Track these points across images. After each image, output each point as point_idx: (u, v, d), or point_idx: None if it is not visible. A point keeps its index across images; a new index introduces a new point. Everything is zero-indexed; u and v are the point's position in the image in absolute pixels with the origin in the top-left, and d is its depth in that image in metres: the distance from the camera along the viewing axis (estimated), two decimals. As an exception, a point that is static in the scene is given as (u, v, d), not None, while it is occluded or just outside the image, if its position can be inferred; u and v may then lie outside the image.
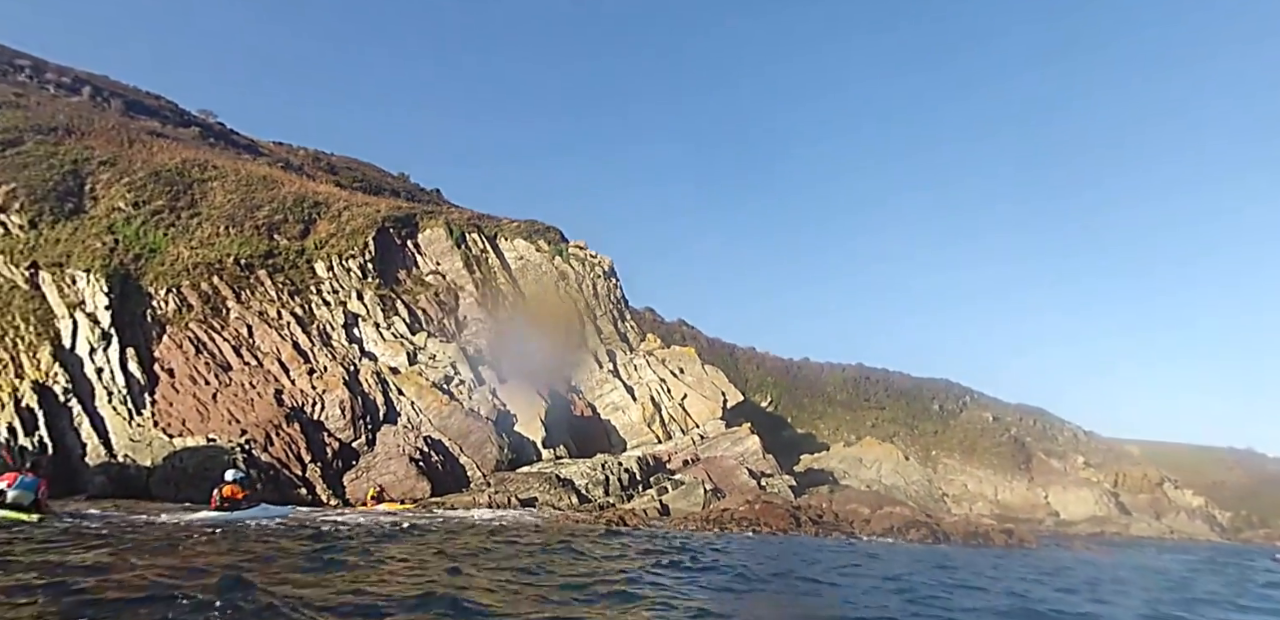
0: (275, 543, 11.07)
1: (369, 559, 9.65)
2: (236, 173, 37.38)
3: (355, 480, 26.54)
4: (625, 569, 9.81)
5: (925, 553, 15.41)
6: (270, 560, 9.17)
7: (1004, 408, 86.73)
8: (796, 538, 17.12)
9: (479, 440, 27.96)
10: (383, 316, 32.85)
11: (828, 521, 17.99)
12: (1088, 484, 72.17)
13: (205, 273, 31.15)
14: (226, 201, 34.90)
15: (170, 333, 29.17)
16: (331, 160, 61.34)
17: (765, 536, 17.09)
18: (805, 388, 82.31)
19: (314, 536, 12.54)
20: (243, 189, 36.01)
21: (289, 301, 31.97)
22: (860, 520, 18.27)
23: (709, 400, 33.80)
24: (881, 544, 17.18)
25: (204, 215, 33.89)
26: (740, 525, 17.74)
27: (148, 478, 24.79)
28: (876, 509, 19.61)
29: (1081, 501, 69.10)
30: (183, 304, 30.03)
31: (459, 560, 9.76)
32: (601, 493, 27.01)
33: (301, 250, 34.23)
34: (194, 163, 36.95)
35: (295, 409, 27.98)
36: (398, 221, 37.00)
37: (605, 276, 38.33)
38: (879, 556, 13.73)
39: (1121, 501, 71.43)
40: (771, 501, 18.48)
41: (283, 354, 30.21)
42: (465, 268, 36.27)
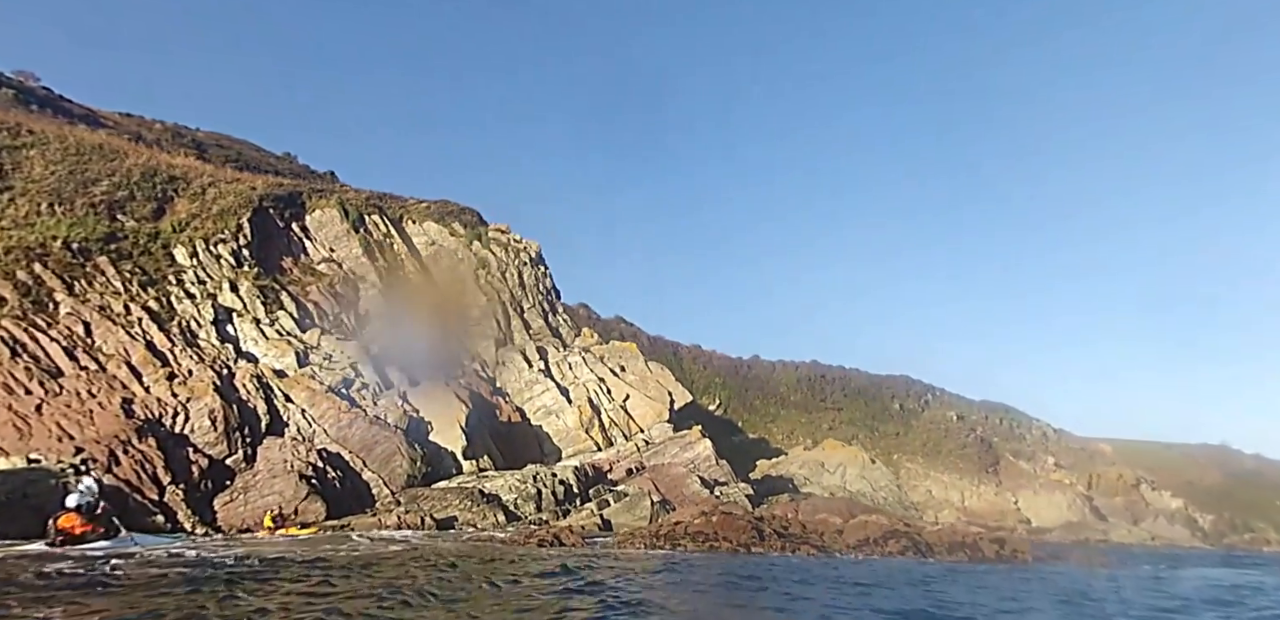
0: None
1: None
2: (62, 140, 34.01)
3: (230, 503, 24.29)
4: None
5: (915, 571, 14.76)
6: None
7: (968, 405, 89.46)
8: (761, 556, 16.32)
9: (386, 452, 26.14)
10: (264, 311, 30.50)
11: (795, 534, 17.34)
12: (1060, 487, 75.05)
13: (23, 259, 27.99)
14: (50, 174, 31.62)
15: (-20, 333, 26.08)
16: (197, 136, 57.11)
17: (723, 555, 16.24)
18: (756, 389, 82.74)
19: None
20: (71, 159, 32.76)
21: (139, 294, 29.22)
22: (831, 532, 17.73)
23: (654, 401, 32.93)
24: (858, 560, 16.61)
25: (18, 190, 30.53)
26: (695, 541, 16.85)
27: (-50, 513, 21.87)
28: (849, 518, 19.20)
29: (1054, 506, 71.67)
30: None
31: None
32: (533, 508, 25.71)
33: (155, 233, 31.43)
34: (0, 126, 33.37)
35: (150, 421, 25.42)
36: (279, 201, 34.57)
37: (532, 264, 36.96)
38: (864, 582, 12.95)
39: (1096, 505, 74.51)
40: (730, 512, 17.68)
41: (133, 356, 27.51)
42: (365, 255, 34.22)
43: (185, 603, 8.36)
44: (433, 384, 29.53)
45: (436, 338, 32.06)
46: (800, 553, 16.63)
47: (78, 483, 19.64)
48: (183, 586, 9.57)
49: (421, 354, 31.09)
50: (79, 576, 10.55)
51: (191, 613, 7.76)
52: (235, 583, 9.78)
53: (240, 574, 11.01)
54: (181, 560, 13.45)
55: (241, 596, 8.82)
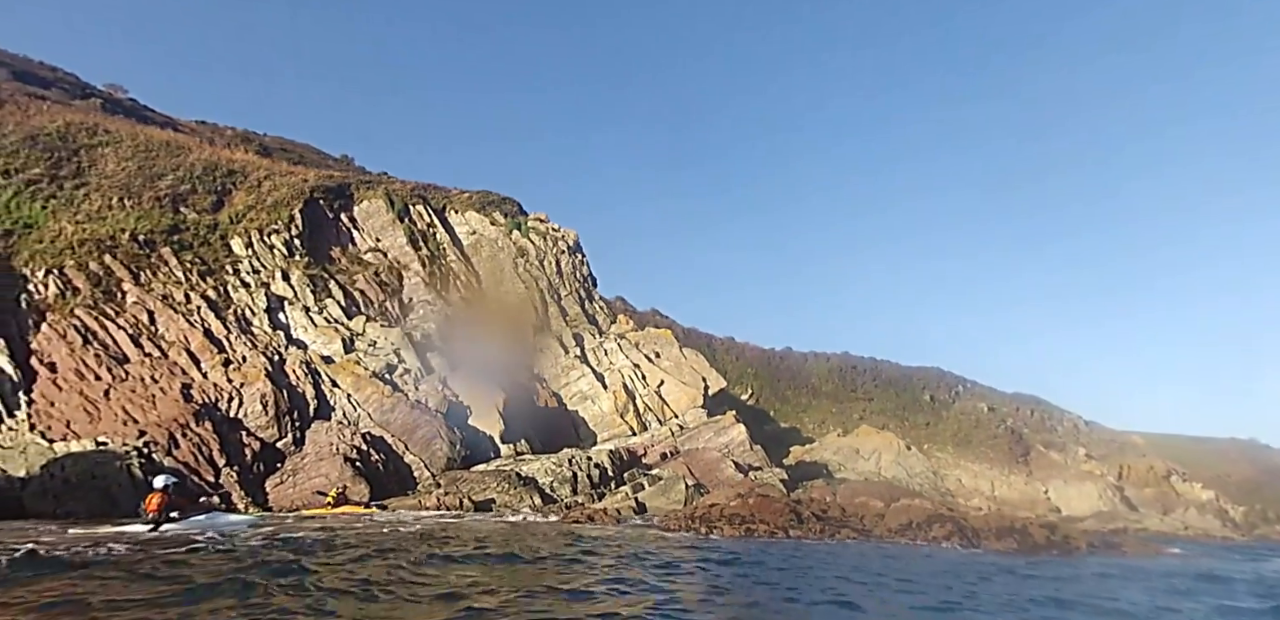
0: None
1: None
2: (133, 138, 34.49)
3: (280, 485, 24.29)
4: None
5: (982, 561, 13.42)
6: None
7: (1000, 397, 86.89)
8: (802, 541, 15.36)
9: (427, 436, 25.88)
10: (313, 299, 30.50)
11: (834, 518, 16.36)
12: (1090, 477, 72.34)
13: (94, 251, 28.43)
14: (120, 169, 32.08)
15: (51, 321, 26.45)
16: (264, 141, 58.02)
17: (759, 540, 15.38)
18: (788, 379, 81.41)
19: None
20: (140, 155, 33.18)
21: (199, 283, 29.43)
22: (872, 516, 16.65)
23: (688, 387, 32.14)
24: (903, 546, 15.53)
25: (93, 185, 31.07)
26: (732, 524, 16.04)
27: (21, 490, 22.18)
28: (889, 502, 18.05)
29: (1084, 496, 69.07)
30: (67, 287, 27.30)
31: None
32: (569, 491, 25.20)
33: (214, 225, 31.64)
34: (80, 126, 33.93)
35: (207, 405, 25.57)
36: (329, 192, 34.54)
37: (570, 252, 36.37)
38: (944, 571, 11.58)
39: (1127, 496, 71.74)
40: (767, 495, 16.77)
41: (192, 343, 27.71)
42: (409, 244, 34.01)
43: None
44: (473, 370, 29.20)
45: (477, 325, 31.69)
46: (840, 537, 15.71)
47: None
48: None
49: (463, 341, 30.75)
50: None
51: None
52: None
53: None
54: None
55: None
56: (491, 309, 33.21)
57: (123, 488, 22.42)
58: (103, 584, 7.65)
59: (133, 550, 10.69)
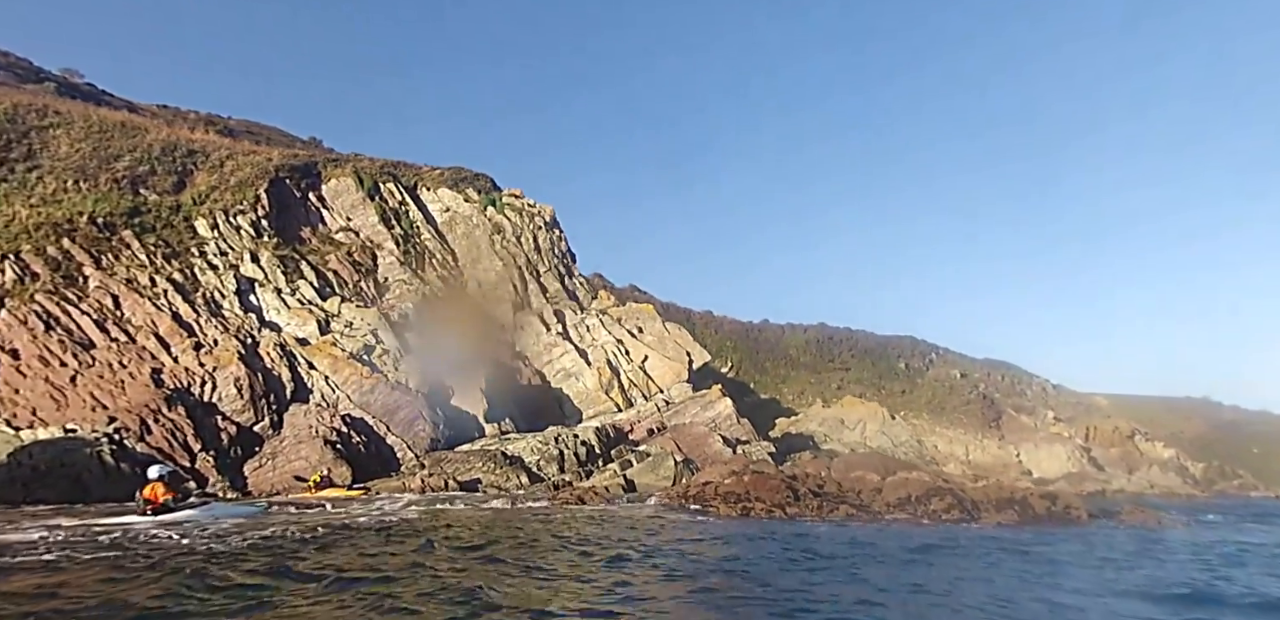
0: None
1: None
2: (86, 120, 32.66)
3: (259, 469, 23.50)
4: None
5: (992, 538, 12.83)
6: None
7: (971, 363, 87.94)
8: (799, 519, 14.82)
9: (408, 417, 25.14)
10: (285, 281, 29.34)
11: (831, 494, 15.97)
12: (1059, 439, 73.70)
13: (51, 235, 27.02)
14: (74, 151, 30.41)
15: (10, 307, 25.11)
16: (229, 124, 55.56)
17: (756, 520, 14.85)
18: (767, 351, 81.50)
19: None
20: (94, 137, 31.49)
21: (164, 266, 28.15)
22: (869, 490, 16.26)
23: (673, 361, 31.62)
24: (906, 522, 15.08)
25: (45, 168, 29.45)
26: (727, 502, 15.56)
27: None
28: (885, 475, 17.67)
29: (1054, 458, 70.43)
30: (25, 272, 25.94)
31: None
32: (556, 470, 24.70)
33: (176, 206, 30.20)
34: (28, 107, 32.02)
35: (179, 390, 24.59)
36: (295, 171, 33.12)
37: (547, 228, 35.38)
38: (935, 553, 10.84)
39: (1094, 456, 73.32)
40: (761, 472, 16.29)
41: (160, 327, 26.55)
42: (381, 222, 32.82)
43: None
44: (453, 349, 28.34)
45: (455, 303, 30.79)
46: (838, 514, 15.32)
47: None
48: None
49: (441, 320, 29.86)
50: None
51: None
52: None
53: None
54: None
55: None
56: (469, 287, 32.29)
57: (94, 474, 21.55)
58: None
59: (167, 545, 9.85)
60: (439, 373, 27.39)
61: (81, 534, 11.21)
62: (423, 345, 28.68)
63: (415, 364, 27.31)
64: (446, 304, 30.93)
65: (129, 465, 22.10)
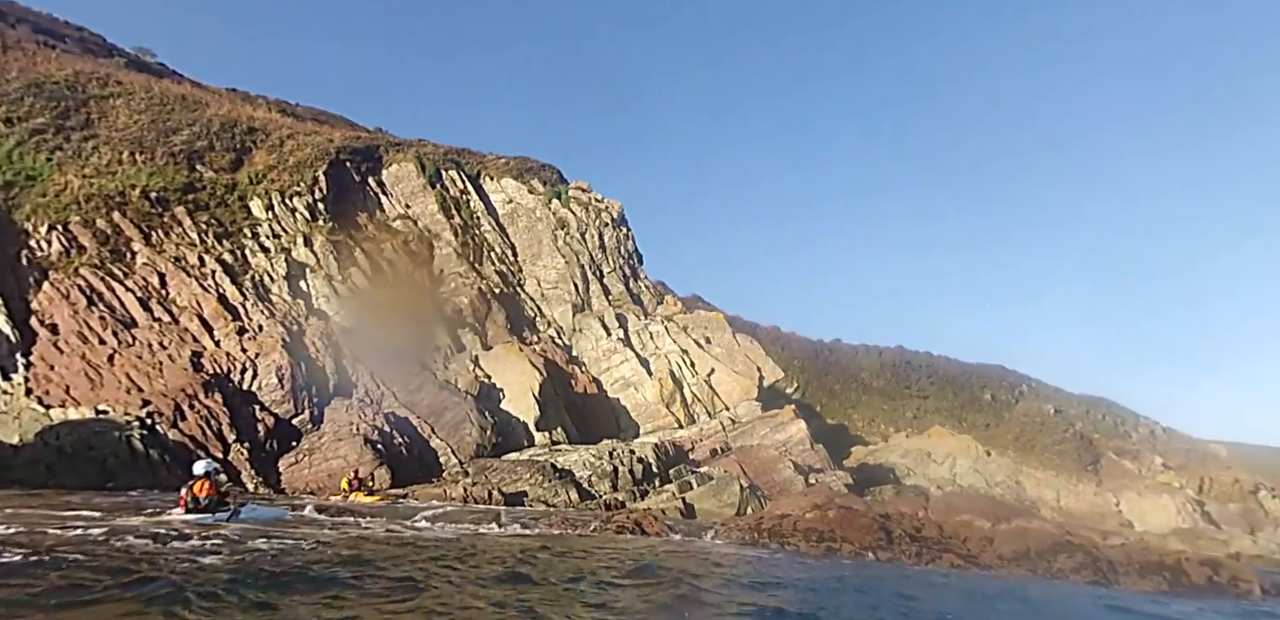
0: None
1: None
2: (147, 91, 33.29)
3: (294, 465, 22.93)
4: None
5: (1150, 615, 10.77)
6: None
7: (1066, 398, 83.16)
8: (902, 564, 13.09)
9: (455, 419, 24.25)
10: (337, 267, 29.03)
11: (930, 538, 14.19)
12: (1168, 490, 68.60)
13: (102, 207, 27.25)
14: (133, 122, 30.88)
15: (54, 280, 25.32)
16: (295, 110, 56.90)
17: (849, 559, 13.16)
18: (837, 373, 78.84)
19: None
20: (154, 109, 31.97)
21: (214, 246, 28.15)
22: (979, 538, 14.39)
23: (741, 377, 30.01)
24: (1025, 578, 13.13)
25: (102, 138, 29.88)
26: (808, 540, 13.93)
27: (12, 458, 21.14)
28: (996, 522, 15.78)
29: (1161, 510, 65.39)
30: (72, 244, 26.16)
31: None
32: (608, 487, 23.37)
33: (232, 185, 30.30)
34: (90, 76, 32.77)
35: (218, 376, 24.28)
36: (356, 154, 32.98)
37: (614, 225, 34.33)
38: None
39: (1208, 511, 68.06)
40: (849, 507, 14.61)
41: (205, 309, 26.45)
42: (441, 211, 32.33)
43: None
44: (507, 349, 27.44)
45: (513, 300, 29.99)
46: (941, 563, 13.54)
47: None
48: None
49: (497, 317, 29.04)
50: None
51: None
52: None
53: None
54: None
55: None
56: (528, 285, 31.46)
57: (120, 460, 21.24)
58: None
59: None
60: (490, 374, 26.51)
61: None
62: (476, 343, 27.92)
63: (466, 363, 26.51)
64: (503, 301, 30.14)
65: (158, 452, 21.77)
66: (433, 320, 27.31)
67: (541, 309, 31.93)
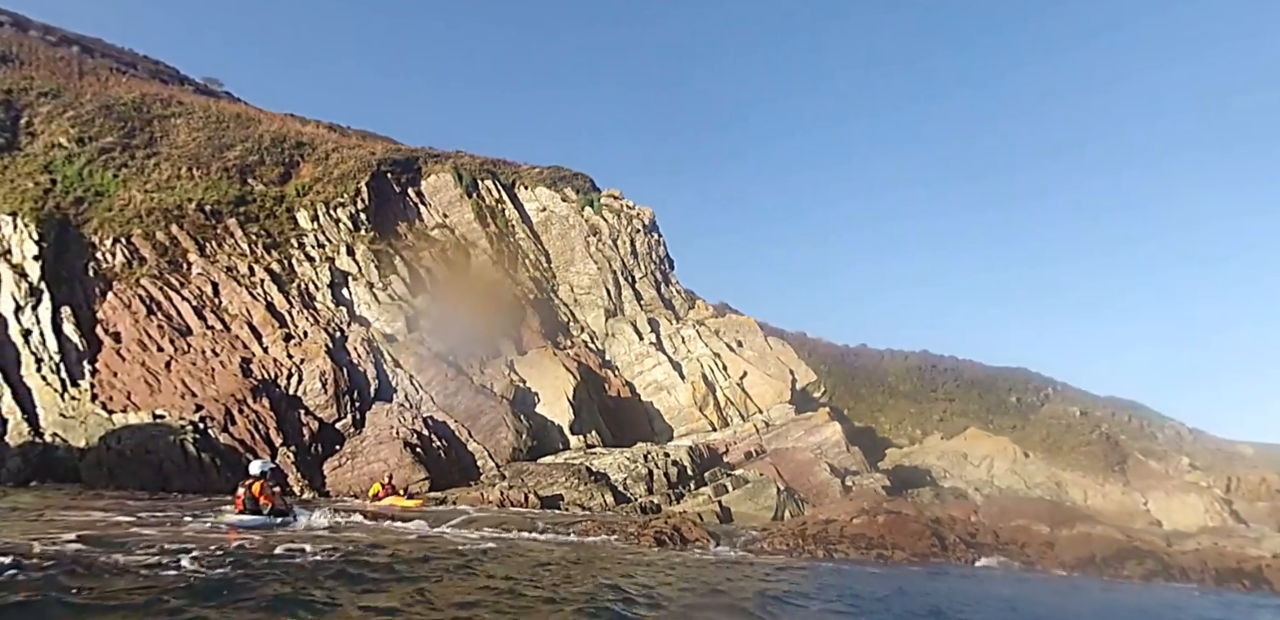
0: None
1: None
2: (205, 109, 33.81)
3: (338, 468, 22.79)
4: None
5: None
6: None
7: (1093, 401, 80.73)
8: (989, 570, 12.19)
9: (491, 423, 23.94)
10: (378, 275, 29.01)
11: (985, 544, 13.38)
12: (1195, 489, 66.17)
13: (162, 220, 27.65)
14: (191, 140, 31.33)
15: (117, 290, 25.70)
16: (346, 132, 57.41)
17: (900, 567, 12.37)
18: (863, 377, 77.55)
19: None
20: (211, 126, 32.45)
21: (264, 256, 28.34)
22: (1038, 544, 13.56)
23: (774, 379, 29.30)
24: (1108, 585, 12.18)
25: (163, 155, 30.39)
26: (856, 546, 13.19)
27: (78, 461, 21.33)
28: (1056, 527, 14.86)
29: (1188, 509, 63.01)
30: (133, 256, 26.53)
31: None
32: (643, 490, 22.84)
33: (280, 197, 30.52)
34: (154, 97, 33.46)
35: (265, 381, 24.31)
36: (396, 165, 33.07)
37: (645, 231, 33.91)
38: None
39: (1236, 510, 65.52)
40: (900, 512, 13.84)
41: (254, 317, 26.57)
42: (477, 220, 32.21)
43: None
44: (541, 354, 27.07)
45: (547, 306, 29.65)
46: (994, 566, 12.72)
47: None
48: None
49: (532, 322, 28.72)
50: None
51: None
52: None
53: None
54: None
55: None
56: (561, 290, 31.12)
57: (175, 464, 21.36)
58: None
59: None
60: (525, 378, 26.14)
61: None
62: (511, 348, 27.58)
63: (502, 367, 26.19)
64: (537, 307, 29.81)
65: (209, 456, 21.82)
66: (469, 326, 27.02)
67: (575, 314, 31.60)
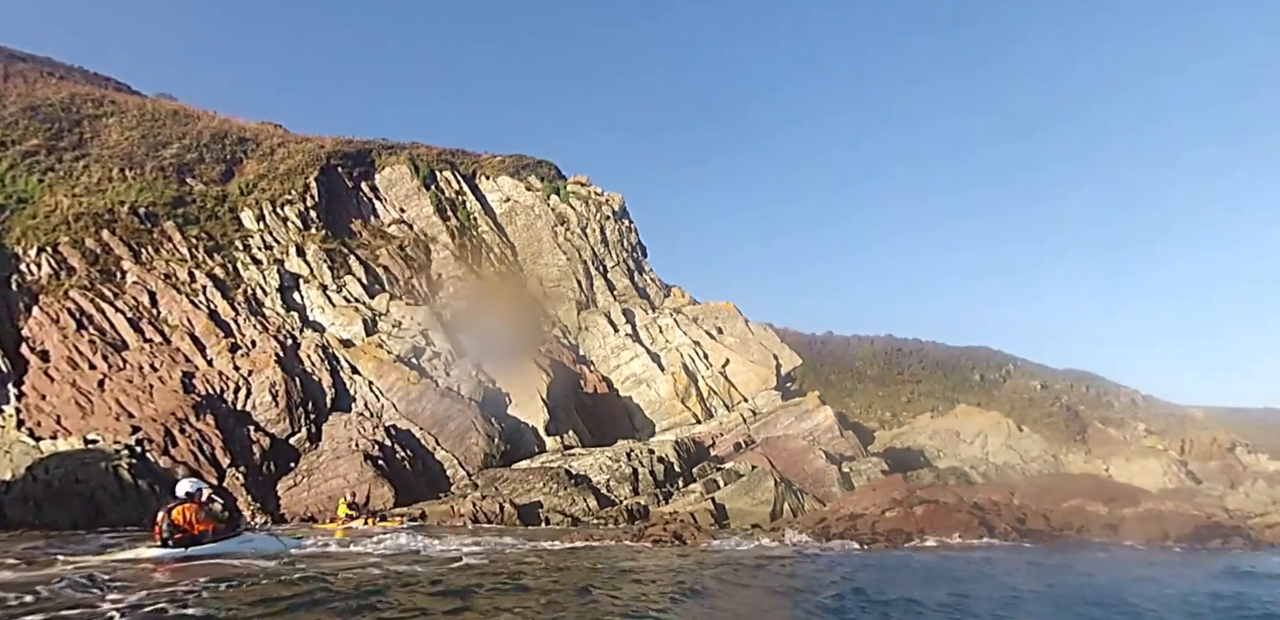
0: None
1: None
2: (140, 108, 30.24)
3: (293, 488, 19.76)
4: None
5: None
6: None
7: (1052, 374, 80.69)
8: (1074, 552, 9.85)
9: (460, 428, 21.08)
10: (331, 277, 25.89)
11: (1038, 530, 11.13)
12: (1153, 453, 66.14)
13: (92, 226, 24.30)
14: (124, 139, 27.91)
15: (44, 304, 22.33)
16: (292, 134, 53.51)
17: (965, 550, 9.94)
18: (831, 364, 76.56)
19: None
20: (145, 125, 29.00)
21: (205, 260, 25.07)
22: (1100, 525, 11.40)
23: (758, 366, 26.86)
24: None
25: (93, 156, 26.97)
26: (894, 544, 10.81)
27: (2, 496, 17.92)
28: (1113, 506, 12.75)
29: (1148, 472, 62.90)
30: (61, 266, 23.16)
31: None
32: (628, 491, 20.23)
33: (222, 196, 27.23)
34: (85, 97, 29.80)
35: (210, 397, 21.17)
36: (348, 159, 29.89)
37: (615, 218, 31.15)
38: None
39: (1191, 470, 65.56)
40: (938, 500, 11.44)
41: (196, 326, 23.35)
42: (437, 214, 29.20)
43: None
44: (511, 352, 24.25)
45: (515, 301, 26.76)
46: (1076, 555, 10.41)
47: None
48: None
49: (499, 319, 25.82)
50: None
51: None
52: None
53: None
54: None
55: None
56: (530, 283, 28.25)
57: (109, 494, 18.13)
58: None
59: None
60: (495, 378, 23.25)
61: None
62: (478, 347, 24.67)
63: (469, 368, 23.28)
64: (505, 302, 26.90)
65: (148, 482, 18.60)
66: (430, 326, 24.04)
67: (545, 308, 28.70)
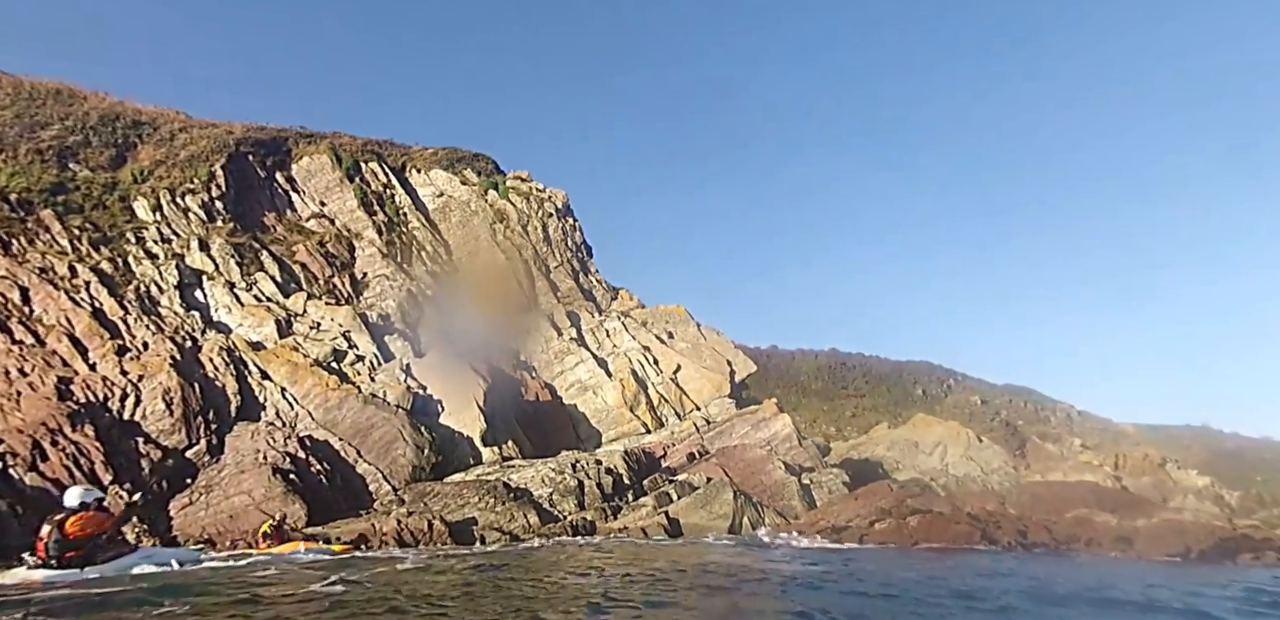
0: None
1: None
2: (15, 86, 27.59)
3: (188, 507, 17.71)
4: None
5: None
6: None
7: (991, 389, 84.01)
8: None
9: (385, 438, 19.50)
10: (239, 274, 23.95)
11: (1041, 542, 10.71)
12: (1089, 468, 68.95)
13: (-49, 214, 21.67)
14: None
15: (-113, 300, 19.61)
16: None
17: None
18: (776, 378, 77.44)
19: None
20: (21, 103, 26.43)
21: (90, 253, 22.80)
22: (1111, 538, 11.06)
23: (711, 372, 26.21)
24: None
25: (-43, 139, 24.22)
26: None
27: None
28: (1130, 516, 12.42)
29: (1085, 487, 65.92)
30: (-90, 257, 20.48)
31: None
32: (573, 506, 19.07)
33: (112, 184, 24.96)
34: (-50, 72, 27.00)
35: (91, 405, 18.91)
36: (260, 146, 28.00)
37: (559, 216, 30.18)
38: None
39: (1124, 485, 68.64)
40: (933, 510, 10.87)
41: (76, 327, 21.03)
42: (361, 208, 27.59)
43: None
44: (443, 356, 22.87)
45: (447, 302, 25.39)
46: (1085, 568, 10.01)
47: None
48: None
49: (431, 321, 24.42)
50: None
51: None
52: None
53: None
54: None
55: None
56: (465, 284, 26.90)
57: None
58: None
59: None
60: (426, 384, 21.80)
61: None
62: (406, 351, 23.17)
63: (396, 373, 21.76)
64: (437, 304, 25.49)
65: (9, 502, 16.30)
66: (353, 327, 22.45)
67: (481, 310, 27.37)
